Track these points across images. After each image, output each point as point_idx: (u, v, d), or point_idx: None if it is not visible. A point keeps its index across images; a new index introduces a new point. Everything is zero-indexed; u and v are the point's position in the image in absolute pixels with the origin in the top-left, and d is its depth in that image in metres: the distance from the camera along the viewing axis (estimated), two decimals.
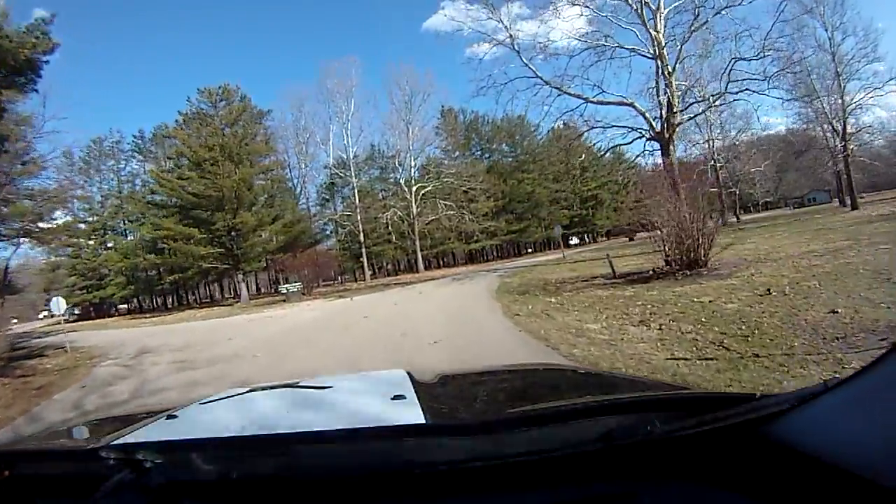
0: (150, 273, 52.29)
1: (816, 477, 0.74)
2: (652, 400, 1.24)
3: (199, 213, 37.31)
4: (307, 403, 1.46)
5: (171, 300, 63.04)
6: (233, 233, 36.02)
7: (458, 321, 10.65)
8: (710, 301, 8.24)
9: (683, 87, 23.96)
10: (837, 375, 0.85)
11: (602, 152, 27.52)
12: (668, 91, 22.84)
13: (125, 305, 61.41)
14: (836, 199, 53.68)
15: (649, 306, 8.72)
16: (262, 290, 59.08)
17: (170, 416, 1.46)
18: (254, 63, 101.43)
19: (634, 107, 24.41)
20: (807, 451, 0.78)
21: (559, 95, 26.98)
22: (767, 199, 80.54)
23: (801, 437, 0.80)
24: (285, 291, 30.92)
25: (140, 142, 57.64)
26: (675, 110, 22.29)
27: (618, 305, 9.46)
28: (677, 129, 24.54)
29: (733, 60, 21.75)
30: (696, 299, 8.58)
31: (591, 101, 25.87)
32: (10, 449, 1.47)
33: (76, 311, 59.76)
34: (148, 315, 41.90)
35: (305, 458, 0.98)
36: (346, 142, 53.45)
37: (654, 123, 23.94)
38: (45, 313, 71.71)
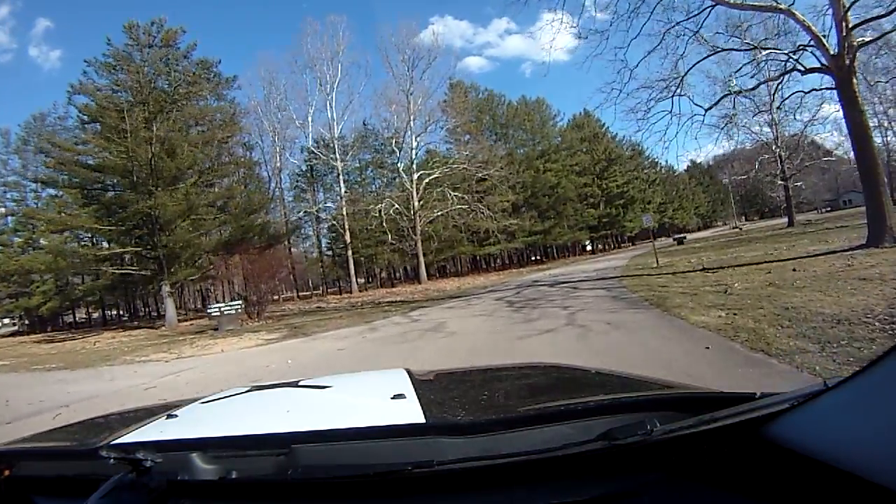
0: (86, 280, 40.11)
1: (816, 477, 0.75)
2: (652, 400, 1.23)
3: (109, 197, 25.78)
4: (307, 403, 1.48)
5: (123, 311, 52.38)
6: (155, 224, 24.20)
7: None
8: None
9: None
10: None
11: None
12: None
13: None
14: None
15: None
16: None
17: (170, 416, 1.44)
18: (222, 33, 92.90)
19: (793, 15, 15.06)
20: (806, 450, 0.78)
21: None
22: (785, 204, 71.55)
23: (800, 436, 0.80)
24: (217, 314, 19.28)
25: (86, 115, 45.85)
26: (849, 25, 13.98)
27: None
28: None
29: None
30: None
31: (726, 4, 16.12)
32: (10, 448, 1.35)
33: (27, 322, 48.28)
34: (60, 337, 29.88)
35: (305, 458, 0.95)
36: (329, 115, 41.96)
37: (826, 43, 14.62)
38: (7, 321, 61.92)
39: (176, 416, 1.44)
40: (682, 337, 6.12)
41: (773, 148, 40.00)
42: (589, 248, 68.02)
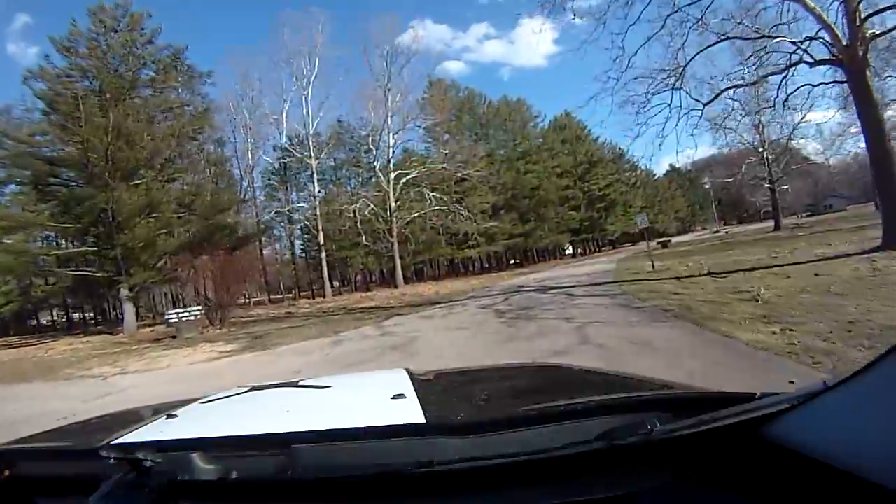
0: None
1: (816, 477, 0.75)
2: (652, 400, 1.21)
3: (66, 193, 23.81)
4: (307, 403, 1.47)
5: (91, 314, 49.65)
6: (112, 221, 22.29)
7: None
8: None
9: None
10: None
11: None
12: None
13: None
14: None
15: None
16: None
17: (170, 416, 1.43)
18: (200, 32, 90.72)
19: (803, 2, 13.99)
20: (806, 451, 0.78)
21: None
22: (766, 209, 71.67)
23: (800, 436, 0.80)
24: (174, 321, 17.68)
25: (42, 102, 43.01)
26: (861, 16, 13.12)
27: None
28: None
29: None
30: None
31: None
32: (10, 448, 1.34)
33: None
34: (19, 342, 27.39)
35: (305, 458, 0.95)
36: (305, 111, 40.24)
37: (837, 32, 13.66)
38: None
39: (176, 416, 1.42)
40: (744, 364, 4.61)
41: (760, 150, 39.32)
42: (569, 251, 67.08)
